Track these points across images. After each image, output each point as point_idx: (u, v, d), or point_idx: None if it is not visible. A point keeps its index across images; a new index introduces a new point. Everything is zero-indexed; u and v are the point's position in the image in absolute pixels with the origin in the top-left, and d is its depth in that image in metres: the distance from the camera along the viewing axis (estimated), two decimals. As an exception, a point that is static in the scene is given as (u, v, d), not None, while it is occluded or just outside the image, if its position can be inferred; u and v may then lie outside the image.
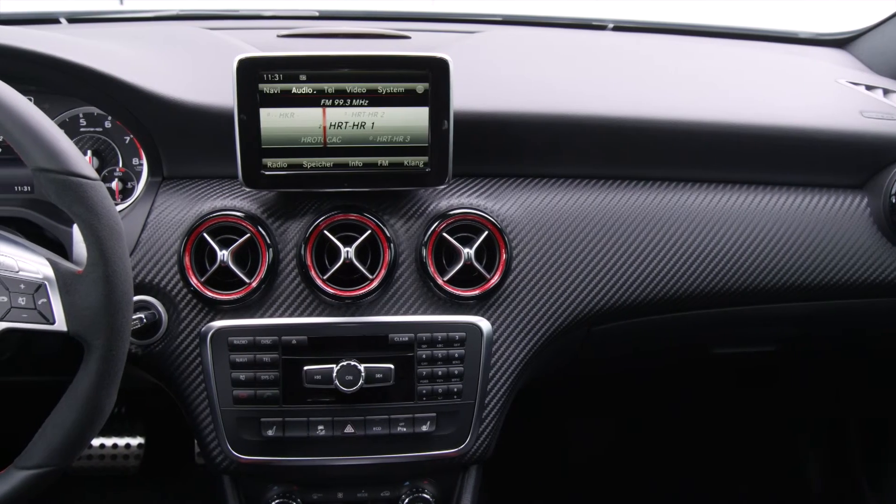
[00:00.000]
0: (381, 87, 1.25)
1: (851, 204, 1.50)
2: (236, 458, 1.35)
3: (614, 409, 2.51)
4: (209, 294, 1.30)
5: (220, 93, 1.31)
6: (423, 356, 1.33)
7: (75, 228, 1.28)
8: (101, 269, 1.01)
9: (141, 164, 1.42)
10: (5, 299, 1.01)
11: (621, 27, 2.03)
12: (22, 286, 1.02)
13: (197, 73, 1.41)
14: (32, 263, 1.03)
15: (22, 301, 1.01)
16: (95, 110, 1.41)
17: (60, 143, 1.01)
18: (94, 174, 1.02)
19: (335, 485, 1.45)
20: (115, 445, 2.21)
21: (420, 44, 1.72)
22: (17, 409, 1.84)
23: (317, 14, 1.95)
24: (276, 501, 1.42)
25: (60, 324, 1.02)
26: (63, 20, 1.84)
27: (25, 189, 1.42)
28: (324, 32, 1.74)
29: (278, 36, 1.71)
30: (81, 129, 1.41)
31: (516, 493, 2.31)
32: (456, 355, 1.34)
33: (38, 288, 1.02)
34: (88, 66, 1.27)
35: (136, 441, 2.22)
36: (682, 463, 2.46)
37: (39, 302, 1.02)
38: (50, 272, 1.03)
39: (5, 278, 1.02)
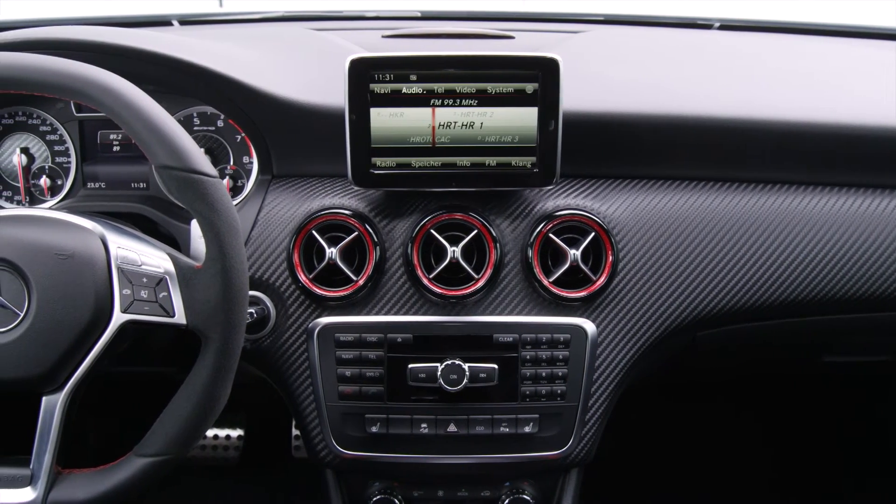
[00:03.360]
0: (491, 87, 1.25)
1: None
2: (340, 453, 1.36)
3: (713, 415, 2.46)
4: (317, 291, 1.32)
5: (331, 93, 1.33)
6: (528, 357, 1.33)
7: (194, 224, 1.31)
8: (219, 264, 1.03)
9: (251, 163, 1.45)
10: (128, 292, 1.05)
11: (727, 26, 1.98)
12: (144, 280, 1.05)
13: (307, 74, 1.43)
14: (154, 258, 1.07)
15: (144, 294, 1.05)
16: (209, 109, 1.44)
17: (183, 141, 1.04)
18: (214, 172, 1.05)
19: (436, 483, 1.46)
20: (216, 437, 2.27)
21: (524, 44, 1.72)
22: (130, 398, 1.91)
23: (419, 14, 1.96)
24: (378, 497, 1.43)
25: (180, 317, 1.05)
26: (175, 22, 1.90)
27: (141, 185, 1.47)
28: (428, 33, 1.75)
29: (383, 36, 1.73)
30: (195, 128, 1.45)
31: (614, 496, 2.28)
32: (560, 357, 1.33)
33: (160, 282, 1.05)
34: (207, 66, 1.31)
35: (236, 433, 2.28)
36: (788, 471, 2.39)
37: (160, 295, 1.05)
38: (170, 266, 1.06)
39: (128, 272, 1.05)
